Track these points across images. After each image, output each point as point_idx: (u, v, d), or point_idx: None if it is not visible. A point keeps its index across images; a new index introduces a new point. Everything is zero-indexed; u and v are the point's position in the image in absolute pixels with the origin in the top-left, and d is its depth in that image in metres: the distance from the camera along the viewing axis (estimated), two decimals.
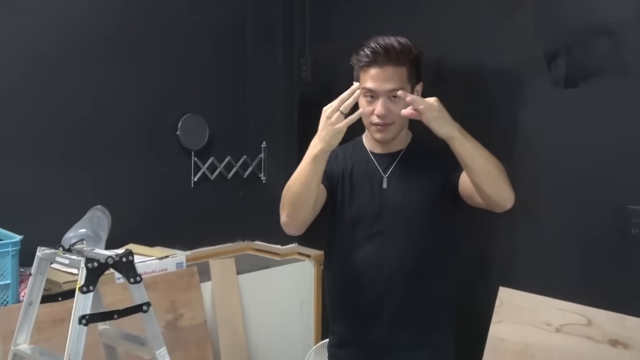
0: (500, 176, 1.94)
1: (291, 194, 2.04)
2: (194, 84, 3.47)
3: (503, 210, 2.02)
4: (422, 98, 1.93)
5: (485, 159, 1.93)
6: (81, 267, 1.90)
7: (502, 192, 1.95)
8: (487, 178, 1.93)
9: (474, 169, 1.92)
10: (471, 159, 1.92)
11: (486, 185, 1.94)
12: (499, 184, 1.94)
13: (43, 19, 2.90)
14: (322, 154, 1.96)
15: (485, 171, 1.92)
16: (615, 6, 2.44)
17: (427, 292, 2.18)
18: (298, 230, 2.12)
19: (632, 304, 2.43)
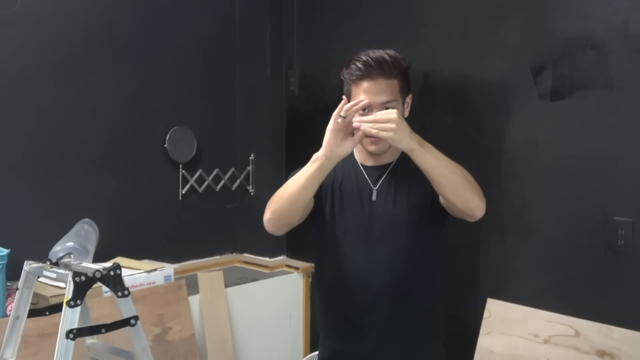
0: (465, 185, 1.95)
1: (283, 192, 2.05)
2: (181, 97, 3.47)
3: (475, 219, 2.02)
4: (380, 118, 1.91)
5: (448, 169, 1.94)
6: (68, 280, 1.89)
7: (469, 201, 1.96)
8: (451, 188, 1.94)
9: (437, 180, 1.94)
10: (432, 169, 1.93)
11: (451, 194, 1.95)
12: (463, 192, 1.94)
13: (26, 31, 2.90)
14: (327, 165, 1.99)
15: (449, 181, 1.93)
16: (601, 20, 2.47)
17: (416, 305, 2.18)
18: (278, 229, 2.12)
19: (619, 315, 2.44)
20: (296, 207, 2.05)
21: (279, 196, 2.07)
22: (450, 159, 1.96)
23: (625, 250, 2.44)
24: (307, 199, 2.04)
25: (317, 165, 1.98)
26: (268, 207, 2.10)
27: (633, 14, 2.39)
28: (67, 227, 2.78)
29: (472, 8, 2.85)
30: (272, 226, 2.11)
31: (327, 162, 1.98)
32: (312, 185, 2.01)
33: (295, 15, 3.60)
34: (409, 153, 1.93)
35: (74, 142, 3.06)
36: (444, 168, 1.93)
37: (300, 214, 2.09)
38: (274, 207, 2.07)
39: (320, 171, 1.99)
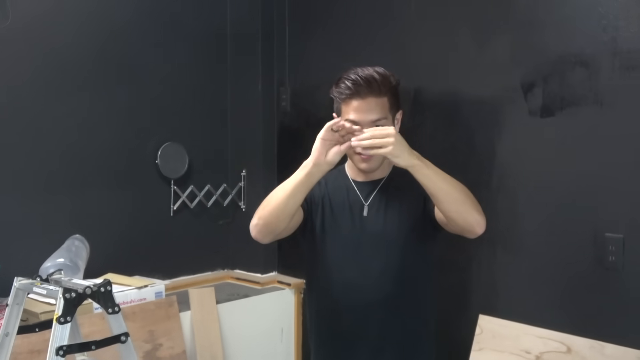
0: (465, 201, 1.95)
1: (271, 199, 2.05)
2: (173, 112, 3.47)
3: (475, 236, 2.02)
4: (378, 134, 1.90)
5: (448, 185, 1.94)
6: (59, 297, 1.88)
7: (469, 217, 1.96)
8: (451, 204, 1.94)
9: (437, 196, 1.94)
10: (433, 185, 1.93)
11: (451, 211, 1.95)
12: (464, 209, 1.95)
13: (19, 48, 2.90)
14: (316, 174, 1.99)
15: (449, 197, 1.93)
16: (590, 37, 2.49)
17: (408, 320, 2.18)
18: (263, 237, 2.11)
19: (611, 331, 2.45)
20: (283, 215, 2.04)
21: (266, 203, 2.07)
22: (450, 176, 1.97)
23: (616, 266, 2.45)
24: (294, 207, 2.04)
25: (305, 172, 1.98)
26: (255, 213, 2.10)
27: (622, 31, 2.41)
28: (57, 243, 2.76)
29: (462, 24, 2.87)
30: (257, 232, 2.10)
31: (314, 169, 1.98)
32: (299, 193, 2.01)
33: (287, 33, 3.61)
34: (409, 169, 1.92)
35: (65, 158, 3.06)
36: (444, 183, 1.93)
37: (287, 223, 2.07)
38: (261, 214, 2.07)
39: (307, 178, 1.99)
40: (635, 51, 2.38)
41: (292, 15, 3.60)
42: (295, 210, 2.06)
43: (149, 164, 3.37)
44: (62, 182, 3.05)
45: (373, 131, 1.92)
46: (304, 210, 2.17)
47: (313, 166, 1.98)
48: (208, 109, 3.64)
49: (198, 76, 3.58)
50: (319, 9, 3.49)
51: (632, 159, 2.40)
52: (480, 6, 2.82)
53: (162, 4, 3.40)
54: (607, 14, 2.45)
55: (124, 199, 3.28)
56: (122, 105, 3.25)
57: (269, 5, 3.66)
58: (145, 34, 3.34)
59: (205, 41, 3.61)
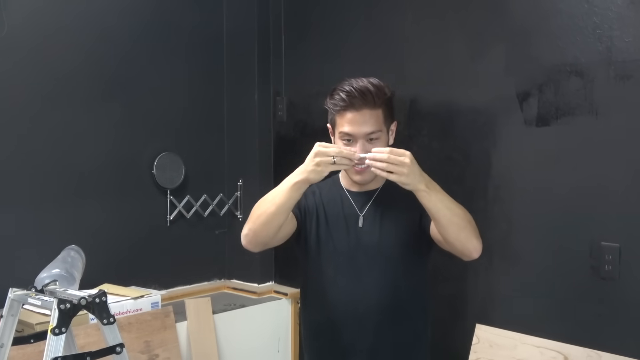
0: (465, 227, 1.95)
1: (260, 210, 2.03)
2: (169, 123, 3.47)
3: (470, 259, 2.03)
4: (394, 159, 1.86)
5: (451, 212, 1.93)
6: (54, 308, 1.87)
7: (467, 243, 1.96)
8: (452, 230, 1.94)
9: (439, 221, 1.94)
10: (436, 211, 1.92)
11: (451, 236, 1.95)
12: (464, 235, 1.95)
13: (14, 61, 2.91)
14: (302, 184, 1.96)
15: (451, 223, 1.93)
16: (585, 47, 2.50)
17: (401, 331, 2.17)
18: (254, 247, 2.11)
19: (607, 340, 2.45)
20: (271, 226, 2.03)
21: (256, 214, 2.05)
22: (454, 201, 1.96)
23: (612, 275, 2.45)
24: (283, 218, 2.02)
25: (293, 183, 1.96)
26: (246, 223, 2.09)
27: (616, 41, 2.42)
28: (53, 253, 2.76)
29: (457, 34, 2.88)
30: (247, 242, 2.10)
31: (303, 184, 1.96)
32: (287, 204, 1.99)
33: (283, 43, 3.62)
34: (415, 192, 1.91)
35: (60, 168, 3.06)
36: (447, 210, 1.92)
37: (276, 232, 2.06)
38: (251, 225, 2.06)
39: (296, 191, 1.97)
40: (630, 61, 2.39)
41: (289, 26, 3.61)
42: (284, 221, 2.04)
43: (145, 174, 3.37)
44: (58, 192, 3.05)
45: (389, 154, 1.87)
46: (297, 219, 2.16)
47: (303, 181, 1.96)
48: (204, 119, 3.64)
49: (194, 86, 3.59)
50: (316, 19, 3.50)
51: (628, 168, 2.41)
52: (475, 16, 2.83)
53: (158, 14, 3.41)
54: (602, 24, 2.46)
55: (120, 209, 3.27)
56: (118, 116, 3.26)
57: (265, 16, 3.66)
58: (142, 45, 3.34)
59: (201, 51, 3.62)
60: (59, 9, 3.04)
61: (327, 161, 1.92)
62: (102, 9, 3.18)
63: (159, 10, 3.42)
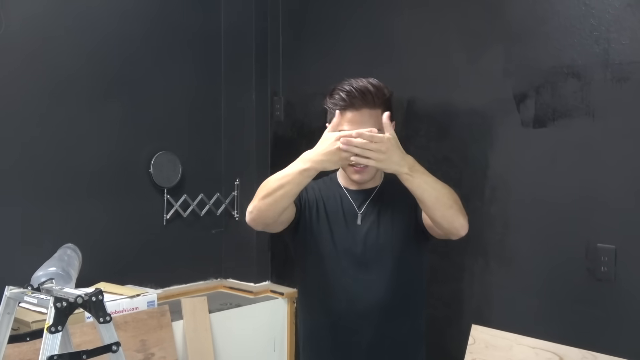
0: (451, 206, 1.96)
1: (267, 190, 2.02)
2: (166, 122, 3.47)
3: (458, 238, 2.02)
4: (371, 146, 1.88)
5: (436, 191, 1.94)
6: (50, 306, 1.87)
7: (454, 221, 1.97)
8: (438, 209, 1.95)
9: (425, 202, 1.95)
10: (420, 192, 1.93)
11: (437, 215, 1.96)
12: (449, 213, 1.96)
13: (11, 57, 2.91)
14: (314, 172, 1.96)
15: (437, 202, 1.94)
16: (582, 49, 2.51)
17: (400, 329, 2.18)
18: (257, 225, 2.09)
19: (602, 342, 2.45)
20: (277, 208, 2.02)
21: (262, 193, 2.04)
22: (438, 180, 1.97)
23: (608, 276, 2.46)
24: (288, 202, 2.02)
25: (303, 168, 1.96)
26: (252, 201, 2.08)
27: (614, 43, 2.43)
28: (49, 252, 2.76)
29: (454, 36, 2.89)
30: (251, 219, 2.08)
31: (312, 171, 1.96)
32: (294, 188, 1.98)
33: (281, 43, 3.63)
34: (398, 176, 1.93)
35: (57, 166, 3.06)
36: (433, 190, 1.93)
37: (279, 214, 2.05)
38: (256, 203, 2.05)
39: (306, 178, 1.97)
40: (627, 63, 2.40)
41: (286, 26, 3.62)
42: (289, 205, 2.04)
43: (142, 173, 3.37)
44: (54, 191, 3.05)
45: (367, 143, 1.89)
46: (297, 208, 2.16)
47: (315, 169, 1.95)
48: (202, 118, 3.65)
49: (192, 85, 3.59)
50: (313, 19, 3.51)
51: (624, 170, 2.42)
52: (472, 17, 2.83)
53: (156, 15, 3.41)
54: (599, 26, 2.47)
55: (116, 207, 3.27)
56: (115, 115, 3.26)
57: (263, 16, 3.67)
58: (139, 44, 3.34)
59: (199, 51, 3.62)
60: (58, 10, 3.04)
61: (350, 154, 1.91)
62: (101, 11, 3.19)
63: (157, 11, 3.42)
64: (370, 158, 1.89)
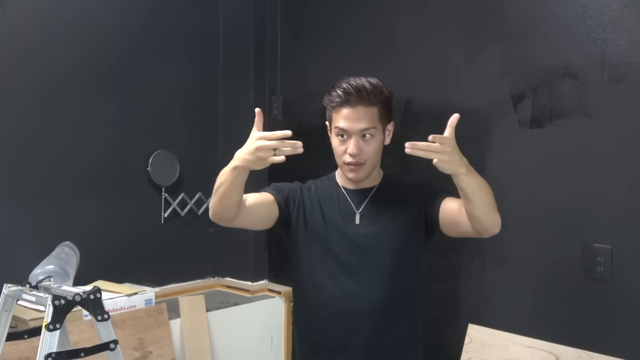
0: (493, 204, 1.98)
1: (216, 185, 2.03)
2: (164, 120, 3.47)
3: (490, 235, 2.03)
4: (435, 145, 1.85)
5: (484, 191, 1.96)
6: (48, 304, 1.88)
7: (493, 219, 1.98)
8: (483, 208, 1.95)
9: (473, 201, 1.94)
10: (472, 192, 1.93)
11: (481, 214, 1.96)
12: (491, 212, 1.97)
13: (10, 57, 2.90)
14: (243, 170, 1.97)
15: (482, 202, 1.95)
16: (579, 49, 2.52)
17: (397, 329, 2.18)
18: (219, 220, 2.09)
19: (598, 341, 2.46)
20: (226, 204, 2.02)
21: (214, 188, 2.04)
22: (483, 180, 1.98)
23: (604, 276, 2.47)
24: (234, 198, 2.01)
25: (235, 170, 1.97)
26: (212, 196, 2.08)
27: (610, 44, 2.44)
28: (47, 250, 2.76)
29: (452, 36, 2.89)
30: (211, 215, 2.09)
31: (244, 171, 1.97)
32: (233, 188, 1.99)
33: (279, 42, 3.63)
34: (454, 176, 1.92)
35: (55, 165, 3.06)
36: (481, 190, 1.94)
37: (235, 212, 2.05)
38: (212, 201, 2.06)
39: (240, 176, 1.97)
40: (623, 64, 2.41)
41: (284, 25, 3.62)
42: (238, 201, 2.03)
43: (139, 172, 3.37)
44: (53, 189, 3.05)
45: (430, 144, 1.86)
46: (279, 208, 2.18)
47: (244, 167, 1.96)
48: (200, 117, 3.65)
49: (190, 84, 3.59)
50: (312, 18, 3.51)
51: (620, 170, 2.43)
52: (470, 18, 2.84)
53: (154, 12, 3.41)
54: (596, 27, 2.48)
55: (114, 206, 3.28)
56: (113, 113, 3.26)
57: (261, 15, 3.67)
58: (137, 43, 3.34)
59: (197, 49, 3.62)
60: (54, 7, 3.04)
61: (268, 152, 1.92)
62: (98, 7, 3.18)
63: (155, 9, 3.42)
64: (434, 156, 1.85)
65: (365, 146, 2.08)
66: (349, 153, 2.08)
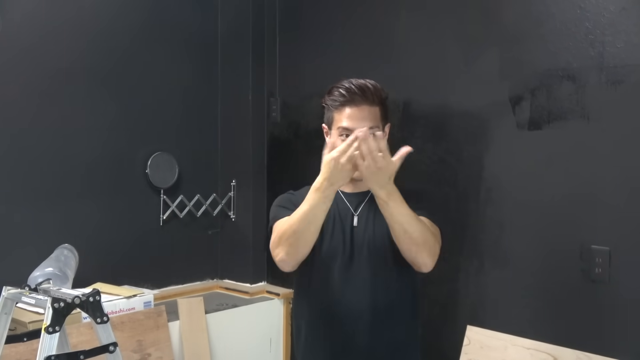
0: (418, 243, 2.01)
1: (294, 231, 2.04)
2: (163, 122, 3.48)
3: (420, 272, 2.11)
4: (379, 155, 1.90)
5: (407, 225, 1.98)
6: (47, 306, 1.88)
7: (417, 258, 2.04)
8: (404, 242, 2.01)
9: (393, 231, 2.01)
10: (391, 221, 1.99)
11: (402, 247, 2.03)
12: (415, 249, 2.02)
13: (7, 55, 2.90)
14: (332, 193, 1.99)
15: (404, 235, 1.99)
16: (577, 52, 2.52)
17: (395, 331, 2.18)
18: (294, 267, 2.13)
19: (597, 342, 2.46)
20: (308, 243, 2.05)
21: (287, 235, 2.05)
22: (415, 216, 2.00)
23: (602, 278, 2.47)
24: (317, 230, 2.04)
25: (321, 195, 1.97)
26: (278, 248, 2.09)
27: (608, 46, 2.44)
28: (46, 252, 2.76)
29: (451, 38, 2.90)
30: (286, 265, 2.11)
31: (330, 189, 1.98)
32: (321, 218, 2.01)
33: (277, 45, 3.64)
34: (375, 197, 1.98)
35: (54, 167, 3.06)
36: (404, 223, 1.98)
37: (311, 247, 2.08)
38: (287, 249, 2.06)
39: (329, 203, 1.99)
40: (621, 66, 2.41)
41: (283, 27, 3.63)
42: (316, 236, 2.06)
43: (138, 174, 3.38)
44: (51, 192, 3.05)
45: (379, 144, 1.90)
46: None
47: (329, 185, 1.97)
48: (198, 119, 3.65)
49: (188, 86, 3.60)
50: (310, 21, 3.52)
51: (618, 172, 2.43)
52: (468, 20, 2.85)
53: (153, 14, 3.42)
54: (594, 29, 2.48)
55: (113, 208, 3.28)
56: (112, 115, 3.26)
57: (259, 17, 3.68)
58: (136, 45, 3.35)
59: (196, 52, 3.63)
60: (53, 8, 3.04)
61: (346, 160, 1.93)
62: (97, 9, 3.19)
63: (154, 11, 3.43)
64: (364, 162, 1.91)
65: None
66: None
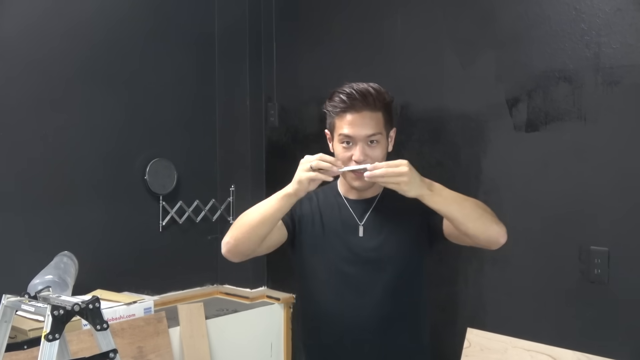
0: (481, 216, 1.92)
1: (245, 220, 2.01)
2: (162, 129, 3.48)
3: (498, 246, 1.98)
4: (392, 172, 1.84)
5: (461, 206, 1.90)
6: (47, 314, 1.88)
7: (489, 231, 1.93)
8: (469, 223, 1.90)
9: (453, 218, 1.90)
10: (446, 210, 1.89)
11: (470, 229, 1.91)
12: (481, 224, 1.91)
13: (7, 63, 2.91)
14: (292, 197, 1.93)
15: (464, 217, 1.89)
16: (573, 53, 2.53)
17: (401, 340, 2.12)
18: (234, 256, 2.07)
19: (597, 343, 2.47)
20: (255, 238, 2.00)
21: (240, 223, 2.02)
22: (460, 195, 1.93)
23: (602, 279, 2.47)
24: (267, 231, 1.99)
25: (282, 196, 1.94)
26: (229, 232, 2.05)
27: (604, 47, 2.45)
28: (46, 259, 2.77)
29: (447, 41, 2.90)
30: (227, 251, 2.06)
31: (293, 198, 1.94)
32: (274, 218, 1.97)
33: (275, 49, 3.64)
34: (420, 198, 1.88)
35: (53, 174, 3.06)
36: (457, 205, 1.89)
37: (258, 245, 2.03)
38: (234, 233, 2.03)
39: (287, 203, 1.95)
40: (617, 67, 2.42)
41: (280, 32, 3.63)
42: (268, 232, 2.01)
43: (137, 180, 3.38)
44: (51, 199, 3.05)
45: (386, 168, 1.84)
46: (288, 229, 2.14)
47: (291, 194, 1.92)
48: (197, 125, 3.65)
49: (186, 92, 3.60)
50: (307, 25, 3.52)
51: (616, 172, 2.43)
52: (465, 23, 2.85)
53: (150, 19, 3.42)
54: (589, 30, 2.49)
55: (112, 215, 3.28)
56: (111, 122, 3.26)
57: (257, 22, 3.68)
58: (133, 49, 3.35)
59: (193, 57, 3.63)
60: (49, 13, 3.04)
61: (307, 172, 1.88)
62: (92, 19, 3.19)
63: (150, 17, 3.43)
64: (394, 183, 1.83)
65: (371, 152, 2.02)
66: (354, 160, 2.01)
